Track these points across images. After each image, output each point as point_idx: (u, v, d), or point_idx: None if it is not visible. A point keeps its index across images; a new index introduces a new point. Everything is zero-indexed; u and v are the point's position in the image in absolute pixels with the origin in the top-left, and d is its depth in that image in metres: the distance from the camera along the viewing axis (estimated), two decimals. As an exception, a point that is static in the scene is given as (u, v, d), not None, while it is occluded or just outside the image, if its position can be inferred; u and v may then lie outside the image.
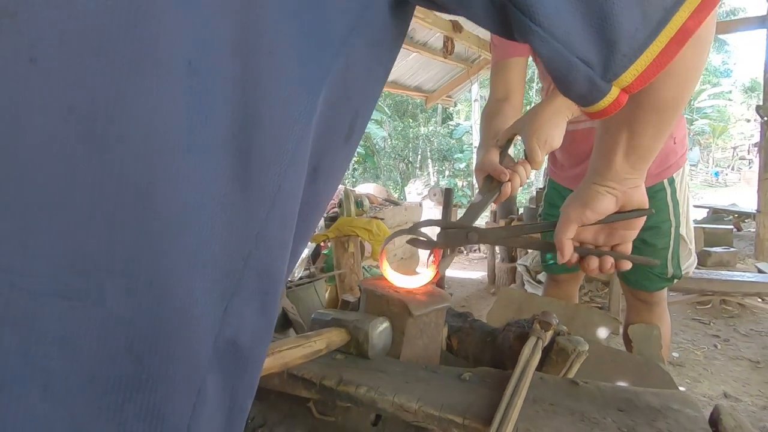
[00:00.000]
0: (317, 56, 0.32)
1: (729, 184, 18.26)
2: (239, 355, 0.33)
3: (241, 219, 0.31)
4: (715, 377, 2.26)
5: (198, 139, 0.28)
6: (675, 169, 1.33)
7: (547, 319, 0.77)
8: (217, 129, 0.28)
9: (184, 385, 0.29)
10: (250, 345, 0.33)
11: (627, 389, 0.59)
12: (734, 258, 3.48)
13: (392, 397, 0.57)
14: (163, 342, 0.28)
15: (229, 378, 0.32)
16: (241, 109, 0.29)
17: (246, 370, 0.34)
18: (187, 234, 0.28)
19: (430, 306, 0.76)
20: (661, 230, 1.35)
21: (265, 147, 0.31)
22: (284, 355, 0.61)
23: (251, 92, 0.29)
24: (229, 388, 0.33)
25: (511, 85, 1.16)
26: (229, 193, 0.30)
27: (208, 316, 0.30)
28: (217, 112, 0.28)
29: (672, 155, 1.32)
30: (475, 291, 4.03)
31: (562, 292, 1.62)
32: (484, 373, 0.65)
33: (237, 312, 0.31)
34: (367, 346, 0.69)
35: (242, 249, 0.31)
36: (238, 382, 0.33)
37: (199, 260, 0.29)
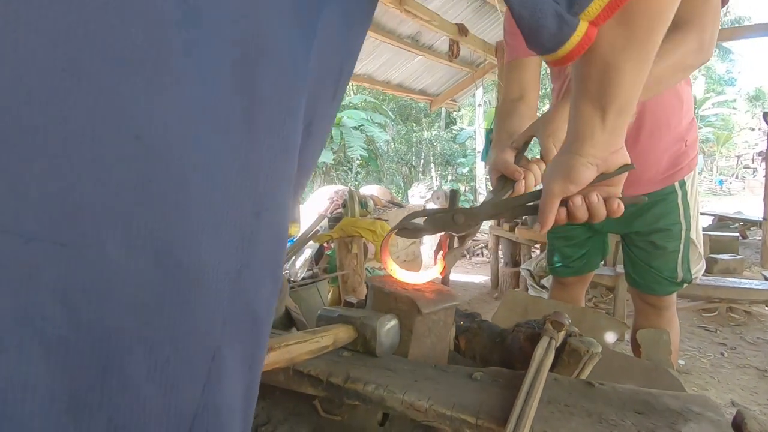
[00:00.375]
0: (308, 3, 0.32)
1: (733, 193, 18.18)
2: (257, 322, 0.31)
3: (252, 171, 0.29)
4: (722, 385, 2.23)
5: (202, 76, 0.27)
6: (686, 171, 1.31)
7: (560, 319, 0.75)
8: (222, 68, 0.28)
9: (196, 348, 0.27)
10: (265, 314, 0.32)
11: (645, 391, 0.57)
12: (741, 265, 3.45)
13: (402, 396, 0.55)
14: (169, 301, 0.26)
15: (249, 347, 0.31)
16: (244, 47, 0.28)
17: (262, 339, 0.32)
18: (195, 184, 0.27)
19: (439, 304, 0.74)
20: (672, 233, 1.34)
21: (269, 95, 0.30)
22: (290, 350, 0.59)
23: (253, 31, 0.28)
24: (249, 358, 0.31)
25: (526, 84, 1.16)
26: (237, 144, 0.28)
27: (221, 277, 0.28)
28: (220, 51, 0.27)
29: (683, 157, 1.30)
30: (478, 295, 4.01)
31: (568, 295, 1.60)
32: (496, 372, 0.63)
33: (252, 275, 0.30)
34: (375, 343, 0.68)
35: (254, 204, 0.29)
36: (257, 352, 0.32)
37: (209, 213, 0.27)
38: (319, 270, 2.51)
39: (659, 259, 1.36)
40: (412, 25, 4.50)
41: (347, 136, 12.10)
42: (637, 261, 1.41)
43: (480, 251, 5.70)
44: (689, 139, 1.29)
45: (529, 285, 3.52)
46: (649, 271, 1.38)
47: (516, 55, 1.18)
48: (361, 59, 4.92)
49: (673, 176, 1.31)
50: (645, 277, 1.40)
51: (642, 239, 1.38)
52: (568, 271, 1.56)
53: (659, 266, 1.36)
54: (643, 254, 1.39)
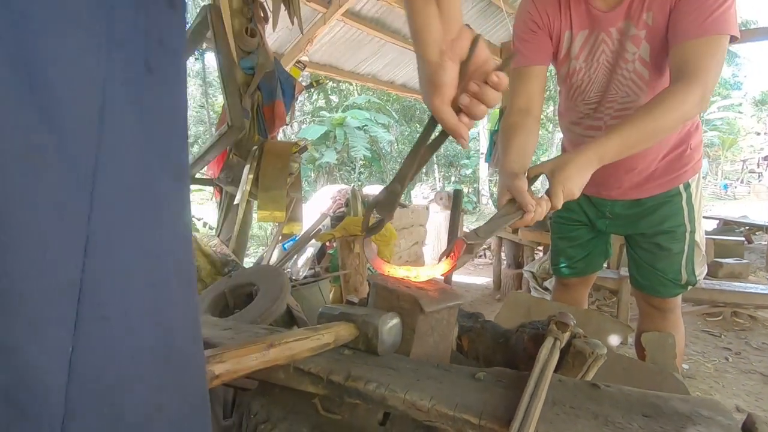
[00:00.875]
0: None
1: (738, 197, 18.07)
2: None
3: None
4: (726, 390, 2.20)
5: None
6: (691, 174, 1.31)
7: (565, 320, 0.74)
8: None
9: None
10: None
11: (653, 394, 0.56)
12: (746, 270, 3.42)
13: (403, 395, 0.54)
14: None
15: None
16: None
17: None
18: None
19: (442, 303, 0.73)
20: (676, 234, 1.33)
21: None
22: (291, 346, 0.58)
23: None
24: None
25: (533, 95, 1.19)
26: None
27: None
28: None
29: (687, 160, 1.30)
30: (481, 297, 3.99)
31: (571, 297, 1.60)
32: (499, 373, 0.62)
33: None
34: (377, 341, 0.66)
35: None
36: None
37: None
38: (321, 269, 2.50)
39: (664, 261, 1.35)
40: (417, 25, 4.49)
41: (351, 136, 12.10)
42: (642, 263, 1.40)
43: (483, 253, 5.68)
44: (693, 143, 1.29)
45: (531, 287, 3.50)
46: (653, 272, 1.37)
47: (525, 63, 1.19)
48: (366, 59, 4.92)
49: (678, 179, 1.31)
50: (649, 279, 1.39)
51: (647, 241, 1.38)
52: (572, 272, 1.55)
53: (664, 268, 1.35)
54: (648, 256, 1.38)
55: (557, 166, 0.93)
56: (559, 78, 1.32)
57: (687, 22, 0.99)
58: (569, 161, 0.93)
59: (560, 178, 0.91)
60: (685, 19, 0.99)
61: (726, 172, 24.68)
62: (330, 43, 4.37)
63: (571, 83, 1.27)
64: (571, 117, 1.36)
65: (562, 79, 1.30)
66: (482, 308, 3.62)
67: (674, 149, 1.28)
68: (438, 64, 0.58)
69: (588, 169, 0.94)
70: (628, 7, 1.08)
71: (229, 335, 0.74)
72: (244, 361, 0.52)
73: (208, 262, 2.10)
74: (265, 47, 2.29)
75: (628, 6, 1.08)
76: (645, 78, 1.16)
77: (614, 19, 1.11)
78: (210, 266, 2.09)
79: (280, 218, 2.08)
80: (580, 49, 1.19)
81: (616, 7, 1.10)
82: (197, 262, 2.05)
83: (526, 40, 1.19)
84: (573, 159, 0.93)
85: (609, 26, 1.13)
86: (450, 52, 0.59)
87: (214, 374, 0.49)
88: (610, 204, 1.40)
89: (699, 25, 0.97)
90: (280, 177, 2.08)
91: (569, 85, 1.28)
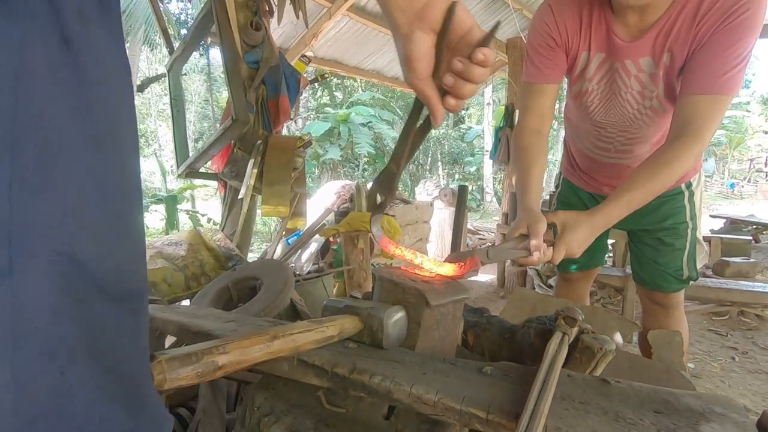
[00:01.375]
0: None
1: (745, 197, 17.91)
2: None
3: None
4: (733, 390, 2.18)
5: None
6: (693, 173, 1.33)
7: (573, 314, 0.73)
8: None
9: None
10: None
11: (664, 390, 0.55)
12: (754, 269, 3.38)
13: (409, 388, 0.53)
14: None
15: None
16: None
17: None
18: None
19: (448, 296, 0.72)
20: (679, 231, 1.35)
21: None
22: (296, 338, 0.57)
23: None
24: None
25: (545, 114, 1.19)
26: None
27: None
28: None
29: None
30: (485, 294, 3.98)
31: (573, 291, 1.61)
32: (506, 367, 0.61)
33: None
34: (382, 334, 0.66)
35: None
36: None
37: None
38: (324, 264, 2.50)
39: (666, 256, 1.37)
40: (422, 20, 4.47)
41: (355, 133, 12.09)
42: (644, 257, 1.41)
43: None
44: None
45: (536, 284, 3.49)
46: (655, 267, 1.38)
47: (539, 80, 1.16)
48: (371, 54, 4.90)
49: (681, 178, 1.31)
50: (651, 274, 1.40)
51: (650, 236, 1.39)
52: (575, 266, 1.55)
53: (665, 263, 1.37)
54: (651, 251, 1.40)
55: (568, 224, 0.97)
56: (570, 94, 1.30)
57: (704, 75, 0.98)
58: (581, 224, 0.96)
59: (569, 239, 0.95)
60: (701, 71, 0.99)
61: (733, 171, 24.46)
62: (335, 39, 4.35)
63: (581, 101, 1.26)
64: (579, 128, 1.36)
65: (573, 95, 1.29)
66: (486, 305, 3.61)
67: None
68: (406, 35, 0.53)
69: (595, 233, 0.99)
70: (651, 44, 1.05)
71: (232, 327, 0.74)
72: (248, 353, 0.51)
73: (212, 257, 2.09)
74: (270, 41, 2.28)
75: (651, 43, 1.05)
76: (660, 113, 1.16)
77: (634, 52, 1.08)
78: (214, 260, 2.09)
79: (284, 213, 2.07)
80: (595, 71, 1.17)
81: (638, 40, 1.06)
82: (201, 256, 2.05)
83: (542, 55, 1.16)
84: (584, 223, 0.96)
85: (626, 57, 1.09)
86: (419, 22, 0.53)
87: (217, 365, 0.48)
88: None
89: (712, 82, 0.97)
90: (284, 172, 2.07)
91: (579, 103, 1.27)
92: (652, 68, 1.08)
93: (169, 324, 0.77)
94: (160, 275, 1.81)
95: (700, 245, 1.39)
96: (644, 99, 1.15)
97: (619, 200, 0.99)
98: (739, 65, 0.96)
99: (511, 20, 4.79)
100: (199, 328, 0.72)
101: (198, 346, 0.48)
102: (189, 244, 2.06)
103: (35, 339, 0.31)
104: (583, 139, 1.37)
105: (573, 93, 1.27)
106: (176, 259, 1.96)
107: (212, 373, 0.48)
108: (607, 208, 0.99)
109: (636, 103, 1.17)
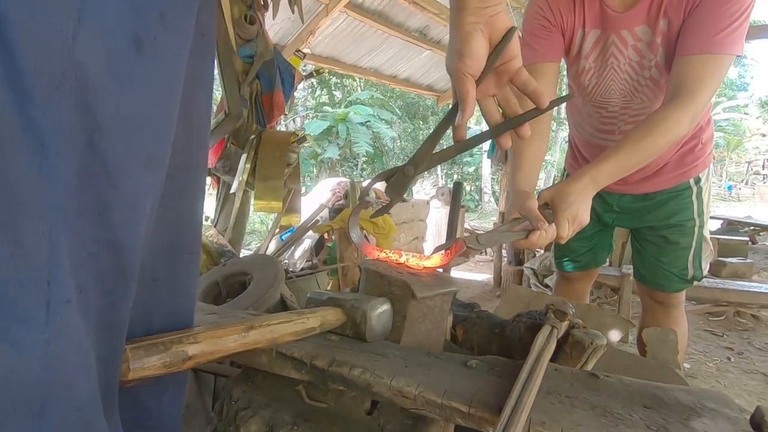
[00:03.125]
0: None
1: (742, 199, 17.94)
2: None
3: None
4: (728, 390, 2.17)
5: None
6: (701, 168, 1.29)
7: (563, 308, 0.71)
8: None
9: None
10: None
11: (654, 385, 0.53)
12: (750, 269, 3.37)
13: (389, 381, 0.51)
14: None
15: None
16: None
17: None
18: None
19: (436, 289, 0.70)
20: (685, 228, 1.31)
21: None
22: (273, 329, 0.55)
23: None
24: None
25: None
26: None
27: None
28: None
29: (699, 154, 1.27)
30: (481, 293, 3.96)
31: (573, 291, 1.57)
32: (493, 361, 0.59)
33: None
34: (365, 327, 0.63)
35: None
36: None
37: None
38: (318, 261, 2.47)
39: (670, 255, 1.33)
40: (420, 18, 4.44)
41: (353, 132, 12.06)
42: (647, 256, 1.37)
43: (483, 250, 5.64)
44: (705, 137, 1.26)
45: (532, 284, 3.47)
46: (658, 266, 1.34)
47: (536, 60, 1.15)
48: (369, 52, 4.87)
49: (688, 173, 1.28)
50: (654, 272, 1.36)
51: (654, 234, 1.35)
52: (576, 265, 1.52)
53: (669, 262, 1.33)
54: (654, 249, 1.35)
55: (557, 195, 0.91)
56: (569, 75, 1.29)
57: (697, 35, 0.96)
58: (569, 190, 0.90)
59: (563, 206, 0.89)
60: (697, 32, 0.96)
61: (730, 174, 24.49)
62: (332, 36, 4.32)
63: (580, 82, 1.23)
64: (581, 114, 1.33)
65: (572, 77, 1.27)
66: (482, 304, 3.57)
67: (685, 144, 1.25)
68: (468, 32, 0.58)
69: (588, 194, 0.92)
70: (646, 12, 1.04)
71: (212, 319, 0.72)
72: (221, 343, 0.49)
73: (204, 252, 2.07)
74: (264, 35, 2.26)
75: (645, 10, 1.04)
76: (660, 83, 1.13)
77: (629, 21, 1.06)
78: (206, 256, 2.07)
79: (277, 209, 2.05)
80: (591, 48, 1.15)
81: (632, 9, 1.05)
82: (193, 252, 2.03)
83: (537, 36, 1.15)
84: (572, 187, 0.90)
85: (622, 28, 1.08)
86: (484, 27, 0.59)
87: (187, 355, 0.46)
88: (617, 198, 1.37)
89: (707, 40, 0.94)
90: (277, 167, 2.05)
91: (579, 84, 1.25)
92: (649, 36, 1.06)
93: (147, 316, 0.74)
94: (150, 270, 1.78)
95: (707, 243, 1.34)
96: (643, 69, 1.12)
97: (609, 159, 0.93)
98: (734, 24, 0.93)
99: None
100: (178, 320, 0.69)
101: (167, 335, 0.46)
102: (180, 239, 2.04)
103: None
104: (587, 126, 1.33)
105: (572, 74, 1.26)
106: (167, 254, 1.93)
107: (181, 364, 0.45)
108: (595, 168, 0.93)
109: (635, 74, 1.14)
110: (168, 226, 0.48)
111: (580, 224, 0.90)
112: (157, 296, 0.49)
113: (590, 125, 1.32)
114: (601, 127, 1.29)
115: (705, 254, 1.34)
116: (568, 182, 0.91)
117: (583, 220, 0.90)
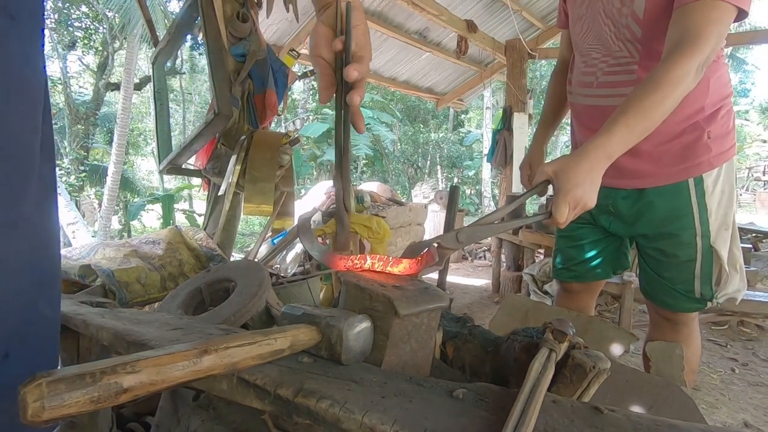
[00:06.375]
0: None
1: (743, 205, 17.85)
2: None
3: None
4: (733, 404, 2.10)
5: None
6: (706, 168, 1.13)
7: (562, 327, 0.64)
8: None
9: None
10: None
11: (666, 423, 0.46)
12: (754, 278, 3.30)
13: (361, 417, 0.44)
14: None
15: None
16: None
17: None
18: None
19: (422, 305, 0.63)
20: (682, 239, 1.16)
21: None
22: (232, 353, 0.48)
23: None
24: None
25: (564, 56, 1.43)
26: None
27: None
28: None
29: (703, 150, 1.13)
30: (478, 299, 3.89)
31: (574, 305, 1.44)
32: (482, 390, 0.52)
33: None
34: (341, 348, 0.57)
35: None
36: None
37: None
38: (311, 266, 2.41)
39: (671, 270, 1.20)
40: (419, 20, 4.39)
41: (353, 134, 12.00)
42: (647, 270, 1.27)
43: (482, 254, 5.57)
44: (713, 131, 1.12)
45: (531, 290, 3.40)
46: (660, 282, 1.23)
47: (559, 26, 1.41)
48: (367, 54, 4.82)
49: (689, 170, 1.13)
50: (656, 289, 1.25)
51: (651, 246, 1.23)
52: (570, 274, 1.43)
53: (671, 277, 1.20)
54: (653, 262, 1.24)
55: (561, 171, 0.78)
56: (573, 43, 1.33)
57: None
58: (576, 168, 0.78)
59: (565, 188, 0.77)
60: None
61: (731, 180, 24.38)
62: (330, 37, 4.27)
63: (576, 32, 1.27)
64: (571, 74, 1.33)
65: (572, 30, 1.32)
66: (479, 311, 3.52)
67: (687, 133, 1.12)
68: (319, 21, 0.71)
69: (599, 171, 0.80)
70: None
71: (174, 336, 0.65)
72: (166, 372, 0.42)
73: (193, 256, 2.00)
74: (257, 34, 2.20)
75: None
76: (638, 37, 1.08)
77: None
78: (194, 260, 2.00)
79: (267, 212, 1.98)
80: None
81: None
82: (180, 256, 1.96)
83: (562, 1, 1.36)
84: (579, 164, 0.78)
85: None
86: (322, 15, 0.70)
87: (121, 388, 0.39)
88: (613, 195, 1.25)
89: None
90: (268, 169, 1.98)
91: (575, 35, 1.28)
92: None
93: (103, 331, 0.68)
94: (133, 275, 1.71)
95: (718, 258, 1.16)
96: (621, 17, 1.10)
97: (616, 123, 0.82)
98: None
99: (509, 21, 4.73)
100: (136, 337, 0.63)
101: (98, 363, 0.39)
102: (168, 242, 1.97)
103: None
104: (574, 84, 1.30)
105: (571, 26, 1.31)
106: (152, 258, 1.86)
107: (114, 398, 0.39)
108: (604, 136, 0.81)
109: (614, 22, 1.13)
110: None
111: (584, 208, 0.79)
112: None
113: (576, 82, 1.27)
114: (581, 79, 1.24)
115: (716, 270, 1.17)
116: (576, 157, 0.80)
117: (588, 203, 0.79)
